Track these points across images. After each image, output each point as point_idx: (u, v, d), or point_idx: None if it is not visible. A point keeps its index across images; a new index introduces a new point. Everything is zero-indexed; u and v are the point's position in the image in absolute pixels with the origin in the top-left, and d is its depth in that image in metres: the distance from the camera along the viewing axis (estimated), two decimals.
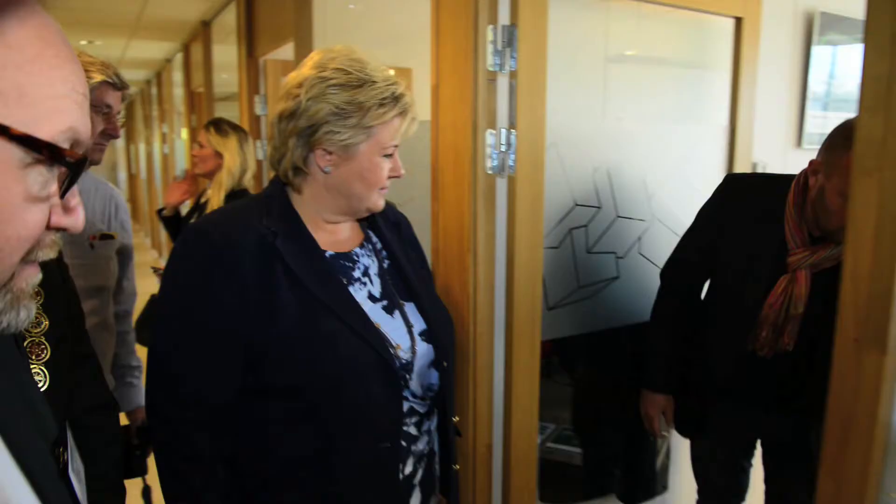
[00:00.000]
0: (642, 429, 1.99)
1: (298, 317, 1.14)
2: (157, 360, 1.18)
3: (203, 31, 4.86)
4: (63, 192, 0.51)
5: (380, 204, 1.27)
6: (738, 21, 2.16)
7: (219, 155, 2.66)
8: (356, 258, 1.29)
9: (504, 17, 1.60)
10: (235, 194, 2.61)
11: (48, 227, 0.52)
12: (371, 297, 1.27)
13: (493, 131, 1.63)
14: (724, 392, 1.83)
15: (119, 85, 1.65)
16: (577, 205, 1.93)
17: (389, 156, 1.23)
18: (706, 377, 1.84)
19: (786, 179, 1.74)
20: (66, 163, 0.49)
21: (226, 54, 4.11)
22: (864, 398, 0.95)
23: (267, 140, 1.28)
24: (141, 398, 2.08)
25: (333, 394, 1.15)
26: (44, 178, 0.49)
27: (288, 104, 1.18)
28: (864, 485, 0.96)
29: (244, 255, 1.13)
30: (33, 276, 0.53)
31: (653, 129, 2.07)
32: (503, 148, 1.64)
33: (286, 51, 2.93)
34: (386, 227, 1.37)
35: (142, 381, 2.08)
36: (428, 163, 1.77)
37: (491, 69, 1.61)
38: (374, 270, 1.31)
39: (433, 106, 1.73)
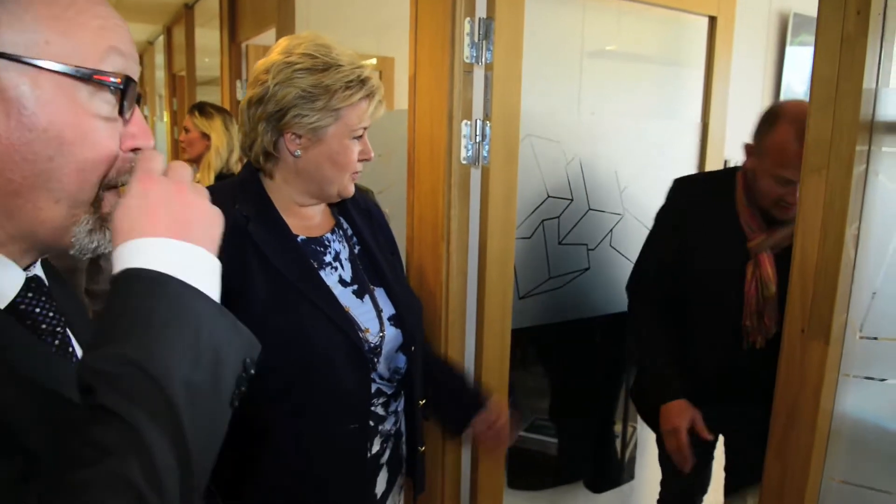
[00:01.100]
0: (610, 419, 2.02)
1: (270, 299, 1.16)
2: None
3: (186, 13, 4.81)
4: (120, 110, 0.60)
5: (350, 189, 1.28)
6: (713, 20, 2.20)
7: (205, 137, 2.68)
8: (327, 243, 1.31)
9: (481, 10, 1.62)
10: (224, 177, 2.62)
11: (123, 150, 0.60)
12: (342, 282, 1.29)
13: (469, 122, 1.66)
14: (710, 389, 1.80)
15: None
16: (550, 196, 1.97)
17: (359, 138, 1.24)
18: (691, 378, 1.81)
19: (730, 173, 1.78)
20: (114, 84, 0.58)
21: (208, 38, 4.08)
22: (809, 386, 0.99)
23: (238, 126, 1.29)
24: None
25: (304, 375, 1.17)
26: (108, 104, 0.59)
27: (256, 90, 1.19)
28: (806, 468, 1.00)
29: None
30: (114, 202, 0.61)
31: (627, 124, 2.11)
32: (478, 139, 1.66)
33: (269, 37, 2.93)
34: (357, 213, 1.39)
35: None
36: (405, 151, 1.79)
37: (467, 61, 1.64)
38: (344, 255, 1.33)
39: (410, 96, 1.75)
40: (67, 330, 0.64)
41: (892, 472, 1.00)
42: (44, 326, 0.61)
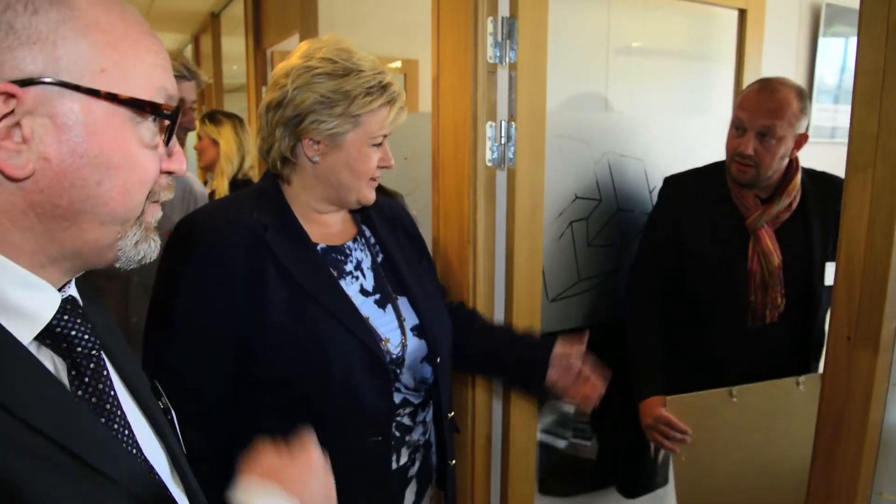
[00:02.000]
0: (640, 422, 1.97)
1: (287, 309, 1.14)
2: (154, 357, 1.17)
3: (212, 22, 4.86)
4: (167, 140, 0.63)
5: (370, 196, 1.26)
6: (742, 13, 2.13)
7: (216, 143, 2.70)
8: (348, 252, 1.29)
9: (504, 9, 1.59)
10: (239, 183, 2.62)
11: (161, 172, 0.64)
12: (363, 291, 1.27)
13: (493, 123, 1.63)
14: (718, 371, 1.80)
15: (189, 76, 1.63)
16: (578, 197, 1.92)
17: (378, 145, 1.22)
18: (699, 367, 1.82)
19: (718, 164, 1.84)
20: (165, 114, 0.61)
21: (235, 45, 4.11)
22: (856, 397, 0.94)
23: (257, 131, 1.28)
24: None
25: (322, 386, 1.15)
26: (151, 131, 0.61)
27: (274, 94, 1.18)
28: (854, 484, 0.95)
29: (234, 249, 1.12)
30: (157, 212, 0.66)
31: (655, 122, 2.06)
32: (503, 140, 1.63)
33: (293, 42, 2.93)
34: (381, 220, 1.36)
35: None
36: (429, 152, 1.76)
37: (491, 61, 1.60)
38: (367, 264, 1.30)
39: (433, 98, 1.72)
40: (102, 353, 0.63)
41: None
42: (79, 349, 0.61)
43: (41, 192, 0.56)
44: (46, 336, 0.59)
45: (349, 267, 1.27)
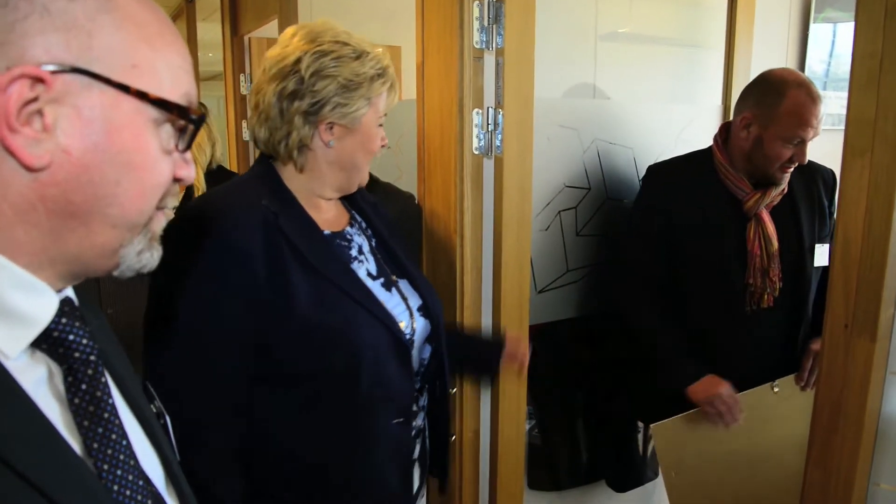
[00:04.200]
0: (629, 416, 1.97)
1: (313, 299, 1.11)
2: (162, 362, 1.11)
3: (187, 8, 4.75)
4: (188, 146, 0.61)
5: (366, 176, 1.28)
6: None
7: None
8: (349, 237, 1.27)
9: None
10: (216, 173, 2.57)
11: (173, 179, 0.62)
12: (370, 276, 1.25)
13: (480, 111, 1.59)
14: (717, 357, 1.81)
15: None
16: (567, 186, 1.90)
17: (380, 125, 1.23)
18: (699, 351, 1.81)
19: (702, 151, 1.86)
20: (192, 119, 0.60)
21: (210, 32, 4.03)
22: (853, 386, 0.92)
23: (248, 122, 1.23)
24: None
25: (353, 374, 1.13)
26: (169, 135, 0.59)
27: (287, 83, 1.13)
28: (852, 474, 0.94)
29: (252, 238, 1.08)
30: (162, 220, 0.64)
31: (645, 109, 2.04)
32: (490, 128, 1.60)
33: (271, 29, 2.87)
34: (366, 206, 1.35)
35: None
36: (415, 141, 1.73)
37: (477, 47, 1.57)
38: (366, 248, 1.29)
39: (419, 85, 1.69)
40: (99, 358, 0.60)
41: None
42: (76, 355, 0.57)
43: (56, 186, 0.53)
44: (42, 340, 0.56)
45: (353, 252, 1.26)
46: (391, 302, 1.24)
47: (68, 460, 0.54)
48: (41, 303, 0.55)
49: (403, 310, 1.25)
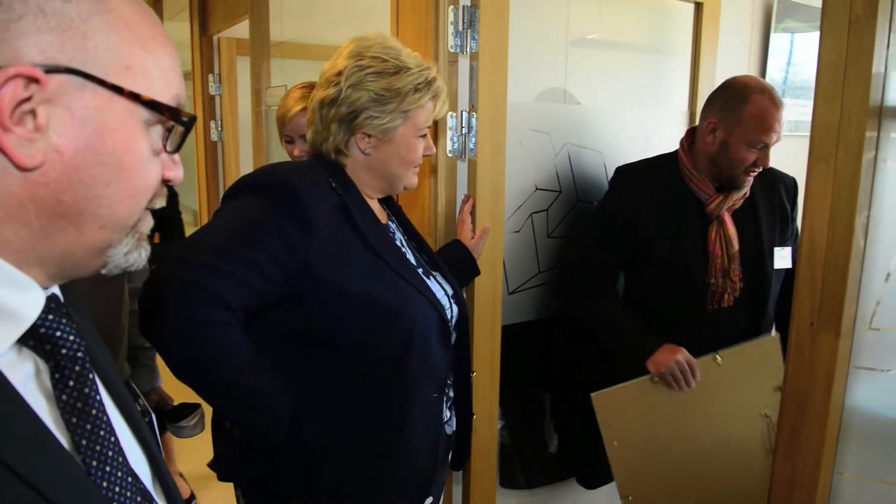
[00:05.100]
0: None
1: (375, 278, 1.21)
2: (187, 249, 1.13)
3: (154, 6, 4.69)
4: (177, 148, 0.62)
5: (415, 181, 1.35)
6: (699, 6, 2.17)
7: None
8: (392, 231, 1.37)
9: None
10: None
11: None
12: (415, 264, 1.35)
13: (454, 114, 1.61)
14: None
15: None
16: (538, 189, 1.93)
17: (423, 136, 1.31)
18: None
19: (668, 155, 1.92)
20: (183, 121, 0.60)
21: (178, 31, 3.97)
22: (819, 380, 0.97)
23: (307, 124, 1.32)
24: (157, 379, 2.06)
25: (404, 349, 1.23)
26: (158, 136, 0.60)
27: (329, 91, 1.24)
28: (817, 464, 0.98)
29: (323, 214, 1.16)
30: (149, 221, 0.64)
31: (613, 113, 2.08)
32: (464, 131, 1.62)
33: (242, 29, 2.84)
34: (393, 204, 1.45)
35: (156, 362, 2.03)
36: None
37: (452, 51, 1.59)
38: (404, 242, 1.39)
39: None
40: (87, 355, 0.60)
41: None
42: (63, 351, 0.57)
43: (47, 186, 0.53)
44: (29, 337, 0.56)
45: (398, 243, 1.35)
46: (434, 287, 1.34)
47: (59, 456, 0.54)
48: (28, 299, 0.55)
49: (443, 296, 1.35)
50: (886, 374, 1.00)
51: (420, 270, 1.34)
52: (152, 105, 0.57)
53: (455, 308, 1.39)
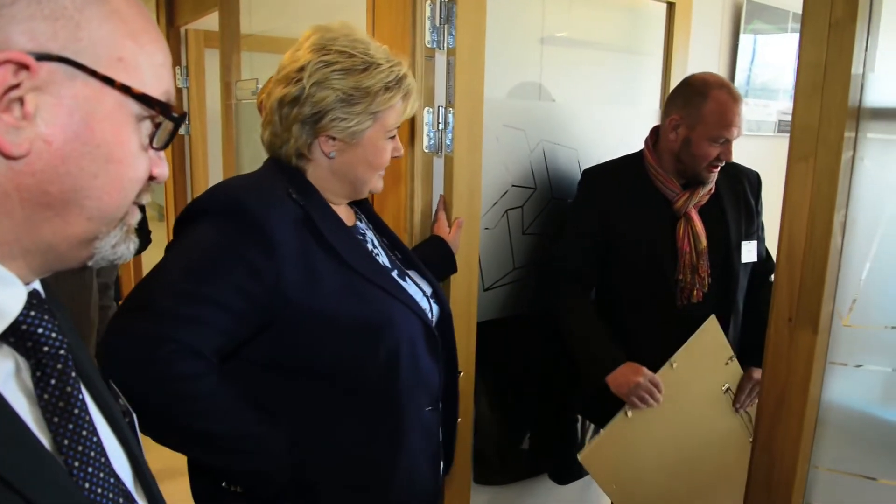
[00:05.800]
0: (568, 411, 2.02)
1: (345, 294, 1.10)
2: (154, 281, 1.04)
3: None
4: (166, 144, 0.61)
5: (380, 185, 1.25)
6: (671, 6, 2.20)
7: None
8: (362, 231, 1.28)
9: None
10: None
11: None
12: (388, 266, 1.27)
13: (431, 109, 1.61)
14: (649, 353, 1.84)
15: None
16: (514, 185, 1.93)
17: (392, 137, 1.21)
18: (632, 349, 1.86)
19: (633, 155, 1.94)
20: (174, 117, 0.59)
21: None
22: (796, 376, 0.99)
23: (262, 124, 1.21)
24: None
25: (393, 365, 1.14)
26: (148, 132, 0.59)
27: (289, 89, 1.12)
28: (794, 458, 1.00)
29: (285, 230, 1.05)
30: (136, 214, 0.63)
31: (587, 111, 2.09)
32: (440, 126, 1.61)
33: (211, 20, 2.78)
34: (362, 204, 1.36)
35: None
36: None
37: (429, 46, 1.58)
38: (376, 241, 1.30)
39: None
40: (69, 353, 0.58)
41: (877, 459, 1.01)
42: (45, 349, 0.55)
43: (33, 175, 0.52)
44: (10, 334, 0.54)
45: (369, 246, 1.26)
46: (411, 291, 1.25)
47: (40, 457, 0.52)
48: (9, 294, 0.54)
49: (422, 298, 1.27)
50: (858, 370, 1.02)
51: (395, 273, 1.26)
52: (143, 99, 0.56)
53: (435, 307, 1.31)
